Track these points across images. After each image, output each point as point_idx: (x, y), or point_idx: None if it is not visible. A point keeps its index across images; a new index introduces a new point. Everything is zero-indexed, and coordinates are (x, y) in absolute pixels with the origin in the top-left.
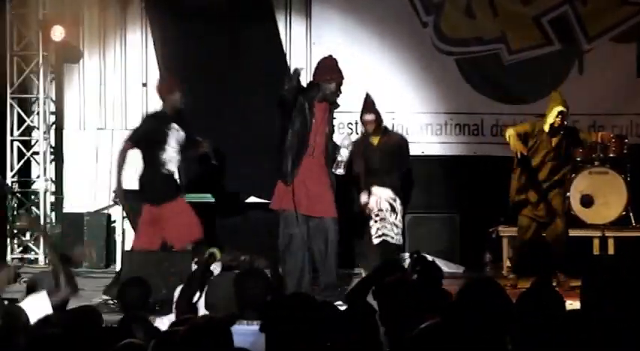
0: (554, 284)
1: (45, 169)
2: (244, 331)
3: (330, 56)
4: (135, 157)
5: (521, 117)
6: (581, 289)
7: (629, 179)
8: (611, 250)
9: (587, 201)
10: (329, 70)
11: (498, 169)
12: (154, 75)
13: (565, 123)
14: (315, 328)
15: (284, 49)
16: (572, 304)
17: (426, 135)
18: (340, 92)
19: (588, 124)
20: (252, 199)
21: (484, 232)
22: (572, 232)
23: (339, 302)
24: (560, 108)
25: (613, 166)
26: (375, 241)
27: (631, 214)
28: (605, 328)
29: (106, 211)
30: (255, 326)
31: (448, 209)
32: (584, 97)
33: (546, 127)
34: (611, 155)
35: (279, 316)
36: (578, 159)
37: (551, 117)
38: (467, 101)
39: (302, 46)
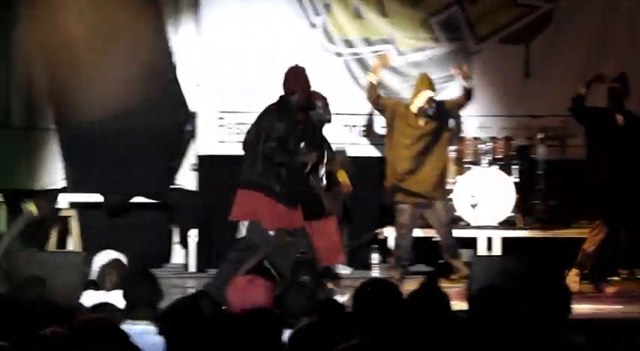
0: (454, 274)
1: None
2: (142, 330)
3: (296, 66)
4: None
5: None
6: (466, 289)
7: (516, 180)
8: (497, 251)
9: (473, 202)
10: (288, 81)
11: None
12: None
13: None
14: (213, 331)
15: (169, 41)
16: (458, 304)
17: None
18: (307, 101)
19: (476, 125)
20: (140, 200)
21: (372, 234)
22: (458, 233)
23: None
24: (429, 93)
25: (500, 167)
26: None
27: (517, 215)
28: (490, 328)
29: None
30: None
31: None
32: (474, 99)
33: (414, 109)
34: (498, 156)
35: (177, 319)
36: (465, 160)
37: (420, 101)
38: (355, 102)
39: (190, 37)
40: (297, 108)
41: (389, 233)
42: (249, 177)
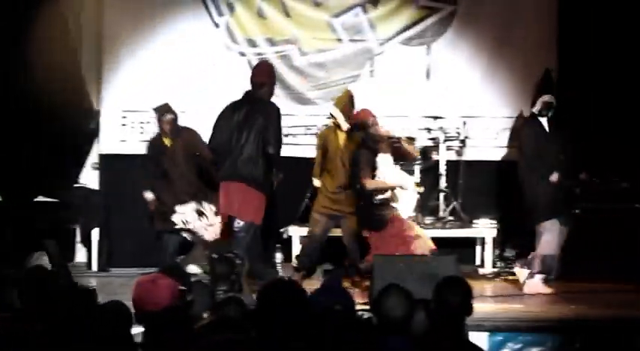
0: (351, 284)
1: None
2: None
3: (265, 61)
4: None
5: (313, 118)
6: (369, 289)
7: (419, 180)
8: None
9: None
10: (257, 74)
11: (290, 170)
12: None
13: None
14: None
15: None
16: (362, 303)
17: None
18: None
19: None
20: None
21: (276, 232)
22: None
23: None
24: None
25: (402, 167)
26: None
27: (419, 214)
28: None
29: None
30: None
31: None
32: (375, 99)
33: (344, 127)
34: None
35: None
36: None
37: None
38: None
39: (93, 38)
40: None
41: (293, 232)
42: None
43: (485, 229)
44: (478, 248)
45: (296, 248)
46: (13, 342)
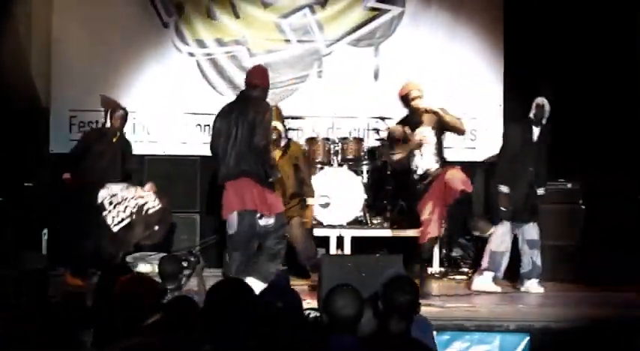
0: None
1: None
2: None
3: (259, 65)
4: None
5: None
6: (317, 287)
7: (366, 181)
8: (347, 250)
9: (324, 202)
10: (253, 76)
11: None
12: None
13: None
14: None
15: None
16: (310, 302)
17: (166, 134)
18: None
19: (327, 126)
20: None
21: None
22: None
23: None
24: (278, 125)
25: (350, 167)
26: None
27: (367, 214)
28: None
29: None
30: None
31: (188, 209)
32: (324, 100)
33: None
34: (349, 157)
35: None
36: (316, 160)
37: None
38: (208, 102)
39: (43, 39)
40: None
41: None
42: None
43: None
44: None
45: None
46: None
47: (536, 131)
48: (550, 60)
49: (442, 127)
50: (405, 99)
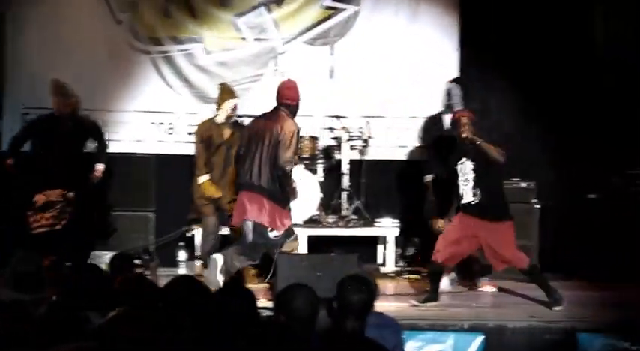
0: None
1: None
2: None
3: (289, 79)
4: None
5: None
6: (272, 287)
7: (321, 180)
8: (303, 249)
9: None
10: (288, 90)
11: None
12: None
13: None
14: None
15: None
16: (265, 301)
17: (123, 133)
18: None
19: None
20: None
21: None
22: None
23: None
24: (235, 100)
25: (306, 166)
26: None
27: (322, 213)
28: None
29: None
30: None
31: (143, 207)
32: None
33: (220, 119)
34: (305, 155)
35: None
36: None
37: (225, 110)
38: (163, 100)
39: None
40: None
41: (196, 231)
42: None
43: (387, 228)
44: (380, 247)
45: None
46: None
47: (446, 120)
48: (505, 60)
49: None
50: (455, 124)
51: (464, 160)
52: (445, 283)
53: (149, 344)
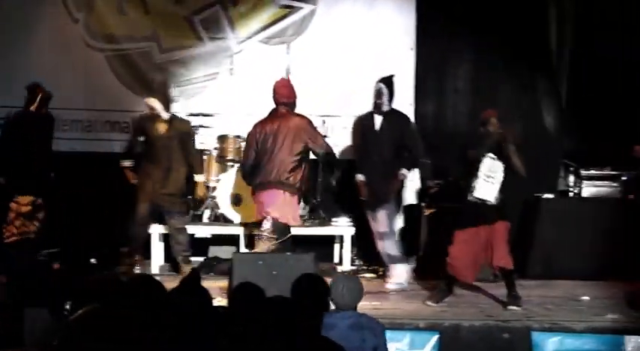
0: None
1: None
2: None
3: (282, 80)
4: None
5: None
6: (228, 287)
7: None
8: (258, 248)
9: (236, 200)
10: (285, 89)
11: None
12: None
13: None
14: None
15: None
16: (221, 300)
17: (76, 131)
18: None
19: (239, 123)
20: None
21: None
22: (221, 230)
23: None
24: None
25: None
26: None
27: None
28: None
29: None
30: None
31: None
32: (235, 97)
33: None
34: None
35: None
36: (228, 158)
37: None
38: (118, 99)
39: None
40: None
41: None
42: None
43: (343, 227)
44: (337, 246)
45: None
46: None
47: (378, 119)
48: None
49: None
50: (483, 122)
51: (493, 157)
52: (403, 278)
53: (120, 343)
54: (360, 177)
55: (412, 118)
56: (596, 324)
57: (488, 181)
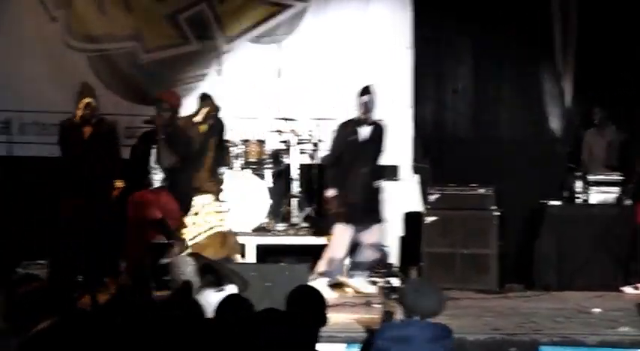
0: None
1: None
2: None
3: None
4: None
5: None
6: None
7: (270, 185)
8: (251, 258)
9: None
10: None
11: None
12: None
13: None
14: None
15: None
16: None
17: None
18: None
19: (228, 127)
20: None
21: None
22: None
23: None
24: (88, 100)
25: (253, 171)
26: None
27: (272, 221)
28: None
29: None
30: None
31: None
32: (225, 100)
33: (78, 119)
34: (251, 160)
35: None
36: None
37: (80, 109)
38: (100, 100)
39: None
40: None
41: None
42: None
43: None
44: None
45: None
46: None
47: (363, 131)
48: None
49: None
50: None
51: None
52: (324, 288)
53: None
54: (331, 192)
55: (411, 122)
56: (608, 337)
57: None
